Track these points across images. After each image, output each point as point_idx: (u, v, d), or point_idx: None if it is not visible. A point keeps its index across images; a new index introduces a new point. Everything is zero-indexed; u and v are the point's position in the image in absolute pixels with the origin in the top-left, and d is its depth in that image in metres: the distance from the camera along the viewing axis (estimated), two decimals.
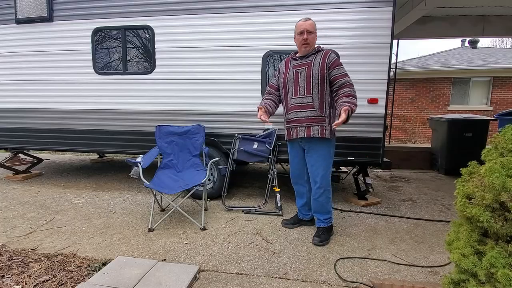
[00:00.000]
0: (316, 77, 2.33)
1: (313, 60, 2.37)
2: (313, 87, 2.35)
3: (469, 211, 1.16)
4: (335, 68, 2.32)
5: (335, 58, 2.35)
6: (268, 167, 3.56)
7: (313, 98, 2.35)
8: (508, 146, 1.20)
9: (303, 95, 2.38)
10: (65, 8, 3.66)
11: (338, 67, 2.32)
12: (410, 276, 1.98)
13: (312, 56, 2.39)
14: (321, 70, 2.32)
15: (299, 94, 2.40)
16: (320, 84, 2.33)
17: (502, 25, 5.98)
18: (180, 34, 3.42)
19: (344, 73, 2.32)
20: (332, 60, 2.33)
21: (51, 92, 3.81)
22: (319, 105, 2.35)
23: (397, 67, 7.10)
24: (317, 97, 2.35)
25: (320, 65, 2.33)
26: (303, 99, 2.38)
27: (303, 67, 2.39)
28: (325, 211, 2.48)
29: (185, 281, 1.80)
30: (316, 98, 2.35)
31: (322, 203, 2.46)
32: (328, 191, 2.44)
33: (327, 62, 2.33)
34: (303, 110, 2.38)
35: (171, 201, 2.96)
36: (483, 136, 4.91)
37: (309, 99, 2.37)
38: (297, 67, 2.42)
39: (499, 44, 21.98)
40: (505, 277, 1.00)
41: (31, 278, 1.87)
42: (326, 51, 2.40)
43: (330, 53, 2.37)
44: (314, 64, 2.35)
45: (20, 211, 3.06)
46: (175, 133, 3.22)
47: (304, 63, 2.40)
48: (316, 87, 2.34)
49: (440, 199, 3.71)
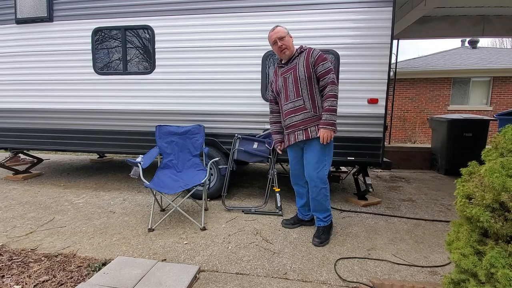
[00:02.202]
0: (302, 78, 2.31)
1: (297, 62, 2.36)
2: (302, 89, 2.33)
3: (469, 211, 1.16)
4: (319, 64, 2.29)
5: (318, 54, 2.32)
6: (268, 167, 3.56)
7: (304, 99, 2.34)
8: (508, 146, 1.20)
9: (294, 99, 2.38)
10: (65, 8, 3.66)
11: (322, 63, 2.29)
12: (410, 276, 1.98)
13: (296, 58, 2.39)
14: (306, 69, 2.30)
15: (290, 99, 2.39)
16: (307, 84, 2.32)
17: (502, 25, 5.98)
18: (180, 34, 3.42)
19: (328, 69, 2.29)
20: (315, 57, 2.30)
21: (51, 92, 3.81)
22: (311, 105, 2.34)
23: (397, 67, 7.10)
24: (308, 97, 2.33)
25: (304, 65, 2.31)
26: (295, 103, 2.38)
27: (289, 72, 2.39)
28: (324, 209, 2.46)
29: (185, 281, 1.80)
30: (307, 99, 2.34)
31: (320, 201, 2.44)
32: (325, 189, 2.42)
33: (310, 60, 2.30)
34: (297, 114, 2.37)
35: (171, 201, 2.96)
36: (483, 136, 4.91)
37: (300, 101, 2.35)
38: (284, 73, 2.42)
39: (499, 44, 21.99)
40: (505, 277, 1.00)
41: (31, 278, 1.87)
42: (308, 49, 2.37)
43: (312, 51, 2.34)
44: (298, 66, 2.34)
45: (20, 211, 3.06)
46: (175, 133, 3.22)
47: (289, 68, 2.40)
48: (305, 88, 2.33)
49: (440, 199, 3.71)
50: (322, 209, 2.47)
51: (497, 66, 9.74)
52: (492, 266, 1.06)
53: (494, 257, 1.06)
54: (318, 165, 2.37)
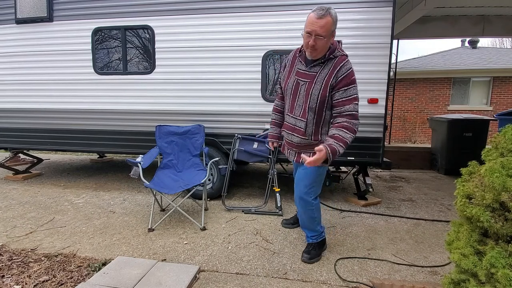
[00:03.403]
0: (314, 99, 1.87)
1: (318, 73, 1.87)
2: (309, 110, 1.91)
3: (469, 211, 1.16)
4: (340, 89, 1.81)
5: (345, 74, 1.80)
6: (268, 167, 3.56)
7: (307, 123, 1.94)
8: (508, 146, 1.20)
9: (298, 116, 1.97)
10: (65, 8, 3.66)
11: (344, 88, 1.80)
12: (410, 276, 1.98)
13: (320, 66, 1.87)
14: (323, 91, 1.84)
15: (294, 114, 2.00)
16: (318, 109, 1.89)
17: (502, 25, 5.98)
18: (180, 34, 3.42)
19: (351, 97, 1.80)
20: (340, 77, 1.80)
21: (51, 92, 3.81)
22: (313, 132, 1.96)
23: (397, 67, 7.10)
24: (312, 122, 1.94)
25: (323, 83, 1.84)
26: (296, 122, 1.99)
27: (305, 80, 1.91)
28: (310, 229, 2.21)
29: (185, 281, 1.80)
30: (311, 124, 1.94)
31: (306, 221, 2.18)
32: (311, 210, 2.11)
33: (332, 80, 1.82)
34: (294, 134, 2.02)
35: (171, 201, 2.96)
36: (483, 136, 4.91)
37: (302, 123, 1.95)
38: (300, 77, 1.94)
39: (499, 44, 21.99)
40: (505, 277, 1.00)
41: (31, 278, 1.87)
42: (338, 59, 1.84)
43: (340, 67, 1.81)
44: (317, 80, 1.86)
45: (20, 211, 3.05)
46: (175, 133, 3.22)
47: (308, 73, 1.91)
48: (313, 111, 1.90)
49: (440, 199, 3.71)
50: (310, 228, 2.21)
51: (497, 66, 9.74)
52: (492, 266, 1.06)
53: (494, 257, 1.06)
54: (305, 186, 2.06)
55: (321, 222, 2.24)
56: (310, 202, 2.09)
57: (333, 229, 2.68)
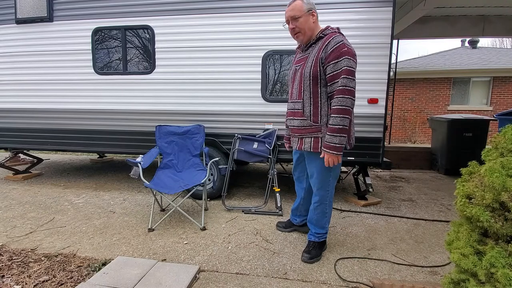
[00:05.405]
0: (307, 76, 1.88)
1: (310, 53, 1.92)
2: (304, 89, 1.91)
3: (469, 211, 1.16)
4: (330, 63, 1.79)
5: (335, 46, 1.78)
6: (268, 167, 3.56)
7: (304, 103, 1.93)
8: (508, 146, 1.20)
9: (295, 99, 1.99)
10: (65, 8, 3.66)
11: (335, 61, 1.78)
12: (410, 276, 1.98)
13: (313, 46, 1.92)
14: (314, 66, 1.85)
15: (292, 98, 2.03)
16: (312, 85, 1.88)
17: (502, 25, 5.99)
18: (180, 34, 3.42)
19: (340, 70, 1.78)
20: (329, 50, 1.79)
21: (51, 92, 3.81)
22: (312, 112, 1.92)
23: (397, 67, 7.11)
24: (309, 102, 1.91)
25: (314, 59, 1.86)
26: (295, 105, 2.00)
27: (300, 63, 1.98)
28: (319, 226, 2.19)
29: (185, 281, 1.80)
30: (308, 103, 1.92)
31: (317, 217, 2.16)
32: (325, 205, 2.11)
33: (321, 54, 1.82)
34: (294, 118, 2.01)
35: (171, 201, 2.96)
36: (483, 136, 4.91)
37: (299, 104, 1.96)
38: (297, 63, 2.03)
39: (499, 44, 21.99)
40: (505, 277, 1.00)
41: (31, 278, 1.87)
42: (327, 36, 1.86)
43: (330, 41, 1.82)
44: (309, 59, 1.90)
45: (20, 211, 3.05)
46: (175, 133, 3.22)
47: (303, 57, 1.98)
48: (308, 90, 1.90)
49: (440, 199, 3.71)
50: (318, 224, 2.19)
51: (497, 66, 9.74)
52: (492, 266, 1.06)
53: (494, 257, 1.06)
54: (319, 181, 2.06)
55: (330, 220, 2.23)
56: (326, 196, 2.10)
57: (333, 229, 2.68)
